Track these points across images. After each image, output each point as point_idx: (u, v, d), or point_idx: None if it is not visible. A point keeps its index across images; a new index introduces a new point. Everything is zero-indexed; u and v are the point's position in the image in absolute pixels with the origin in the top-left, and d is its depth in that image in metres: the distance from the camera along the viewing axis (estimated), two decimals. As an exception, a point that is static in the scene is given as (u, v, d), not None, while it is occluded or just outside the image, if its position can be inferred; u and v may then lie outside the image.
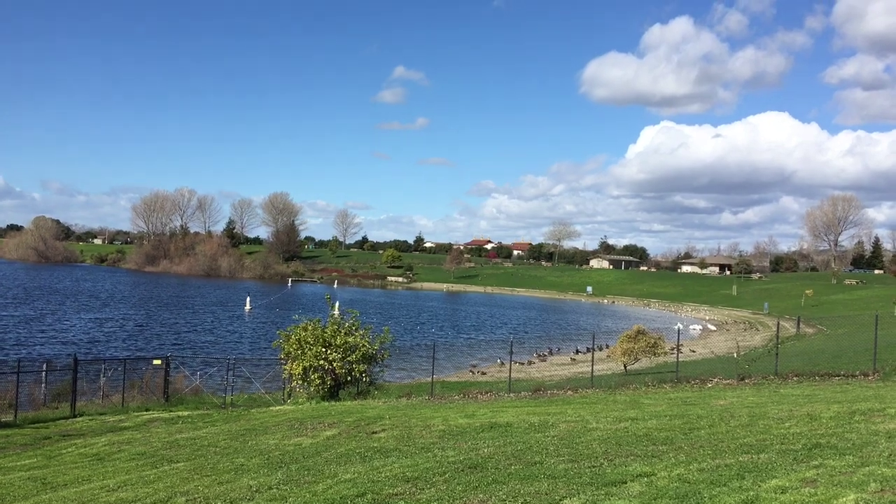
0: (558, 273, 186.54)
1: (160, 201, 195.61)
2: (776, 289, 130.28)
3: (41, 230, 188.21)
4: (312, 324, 22.17)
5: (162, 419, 20.41)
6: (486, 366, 43.01)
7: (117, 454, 13.06)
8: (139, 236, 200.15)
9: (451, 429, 12.33)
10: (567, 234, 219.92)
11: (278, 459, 10.27)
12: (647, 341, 35.12)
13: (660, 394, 18.31)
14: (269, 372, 28.73)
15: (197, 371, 29.98)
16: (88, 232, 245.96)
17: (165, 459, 11.63)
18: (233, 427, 15.65)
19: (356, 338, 21.99)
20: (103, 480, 9.97)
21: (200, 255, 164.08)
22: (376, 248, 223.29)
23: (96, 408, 24.40)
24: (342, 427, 13.62)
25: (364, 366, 21.71)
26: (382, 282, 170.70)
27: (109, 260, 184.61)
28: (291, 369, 21.82)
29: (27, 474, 11.51)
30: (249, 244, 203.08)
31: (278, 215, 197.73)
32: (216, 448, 12.45)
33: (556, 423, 12.02)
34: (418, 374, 37.85)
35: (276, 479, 8.63)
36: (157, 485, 9.08)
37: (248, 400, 25.75)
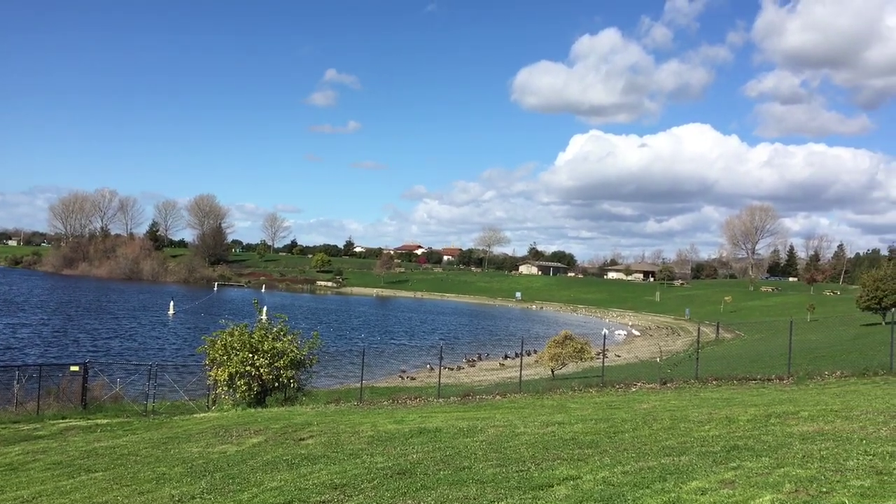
0: (488, 279, 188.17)
1: (79, 202, 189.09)
2: (697, 295, 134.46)
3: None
4: (239, 329, 21.77)
5: (80, 427, 19.68)
6: (415, 371, 43.02)
7: (32, 464, 12.54)
8: (56, 238, 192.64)
9: (379, 434, 12.29)
10: (497, 240, 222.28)
11: (202, 468, 10.04)
12: (575, 346, 35.73)
13: (586, 398, 18.67)
14: (193, 378, 28.08)
15: (117, 378, 29.07)
16: (3, 233, 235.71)
17: (83, 469, 11.23)
18: (154, 435, 15.22)
19: (284, 343, 21.70)
20: (17, 491, 9.56)
21: (122, 257, 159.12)
22: (306, 253, 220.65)
23: (9, 416, 23.35)
24: (269, 434, 13.42)
25: (292, 371, 21.44)
26: (312, 286, 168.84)
27: (24, 262, 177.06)
28: (217, 375, 21.38)
29: (-68, 487, 10.94)
30: (174, 247, 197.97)
31: (204, 218, 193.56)
32: (137, 457, 12.09)
33: (484, 428, 12.11)
34: (348, 379, 37.57)
35: (199, 489, 8.44)
36: (74, 495, 8.77)
37: (170, 407, 25.09)
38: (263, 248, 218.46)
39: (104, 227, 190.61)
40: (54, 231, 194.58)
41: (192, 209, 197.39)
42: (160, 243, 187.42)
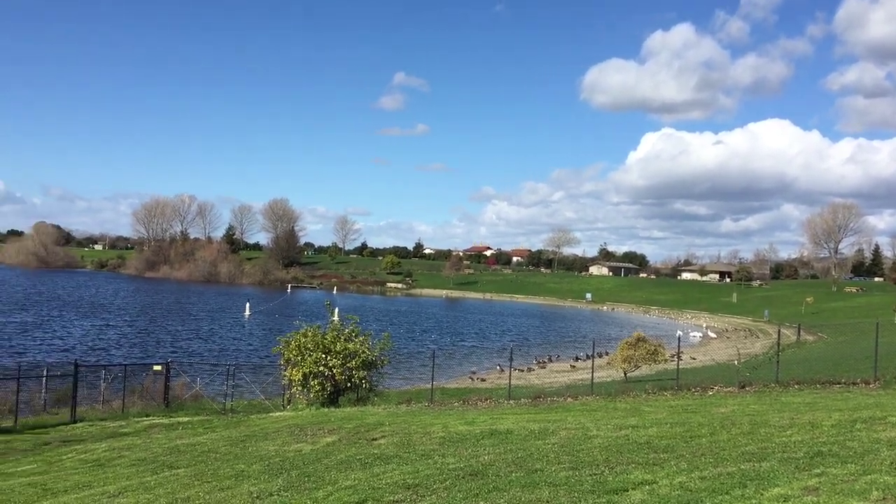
0: (557, 280, 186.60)
1: (160, 207, 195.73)
2: (776, 296, 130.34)
3: (42, 236, 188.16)
4: (312, 330, 22.15)
5: (162, 425, 20.38)
6: (485, 372, 42.98)
7: (118, 460, 13.04)
8: (139, 242, 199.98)
9: (450, 435, 12.32)
10: (566, 241, 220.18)
11: (279, 466, 10.25)
12: (648, 348, 35.10)
13: (660, 401, 18.30)
14: (268, 378, 28.72)
15: (197, 377, 29.99)
16: (89, 237, 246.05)
17: (166, 465, 11.62)
18: (233, 433, 15.63)
19: (356, 344, 21.97)
20: (104, 486, 9.95)
21: (200, 260, 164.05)
22: (376, 255, 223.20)
23: (96, 413, 24.38)
24: (342, 433, 13.61)
25: (364, 372, 21.69)
26: (382, 288, 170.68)
27: (110, 266, 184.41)
28: (291, 375, 21.79)
29: (27, 480, 11.50)
30: (249, 250, 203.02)
31: (278, 221, 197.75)
32: (216, 454, 12.44)
33: (556, 431, 12.01)
34: (418, 380, 37.81)
35: (276, 486, 8.62)
36: (157, 491, 9.08)
37: (248, 406, 25.75)
38: (335, 251, 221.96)
39: (184, 232, 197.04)
40: (137, 235, 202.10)
41: (267, 213, 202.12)
42: (236, 246, 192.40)
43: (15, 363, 31.74)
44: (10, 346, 43.39)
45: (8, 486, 11.05)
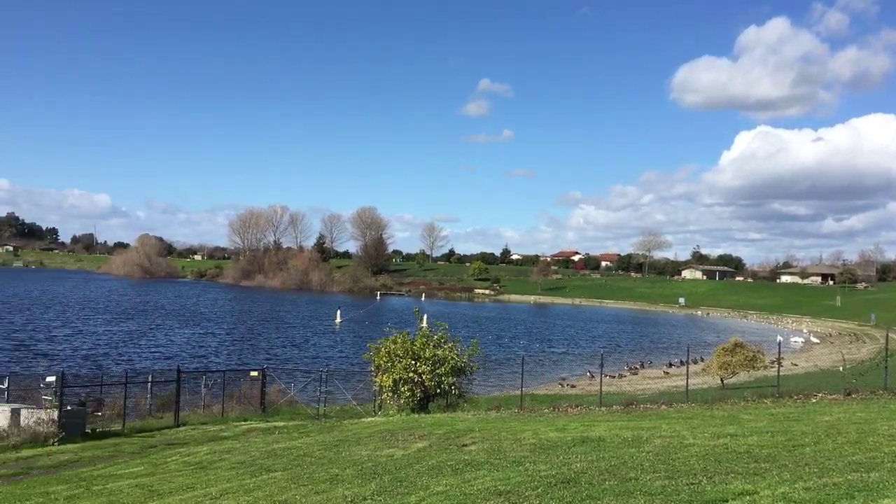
0: (649, 284, 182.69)
1: (254, 218, 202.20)
2: (884, 299, 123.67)
3: (146, 247, 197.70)
4: (402, 336, 22.39)
5: (259, 429, 21.02)
6: (575, 379, 42.47)
7: (219, 463, 13.52)
8: (235, 252, 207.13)
9: (541, 442, 12.22)
10: (657, 245, 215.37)
11: (371, 470, 10.41)
12: (746, 354, 33.92)
13: (760, 409, 17.65)
14: (360, 384, 29.20)
15: (291, 383, 30.76)
16: (189, 248, 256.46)
17: (264, 468, 11.97)
18: (327, 438, 15.96)
19: (445, 350, 22.09)
20: (206, 488, 10.33)
21: (293, 269, 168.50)
22: (463, 261, 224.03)
23: (198, 418, 25.36)
24: (432, 439, 13.69)
25: (453, 378, 21.77)
26: (469, 294, 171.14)
27: (208, 275, 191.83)
28: (382, 381, 22.08)
29: (135, 482, 12.05)
30: (339, 258, 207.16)
31: (366, 229, 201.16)
32: (312, 458, 12.73)
33: (650, 438, 11.75)
34: (507, 386, 37.71)
35: (369, 490, 8.75)
36: (256, 493, 9.36)
37: (340, 411, 26.24)
38: (422, 258, 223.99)
39: (277, 241, 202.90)
40: (233, 245, 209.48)
41: (355, 221, 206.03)
42: (327, 255, 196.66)
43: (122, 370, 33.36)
44: (118, 354, 45.67)
45: (117, 487, 11.61)
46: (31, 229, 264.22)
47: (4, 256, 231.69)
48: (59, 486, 12.20)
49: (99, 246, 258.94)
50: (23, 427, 20.48)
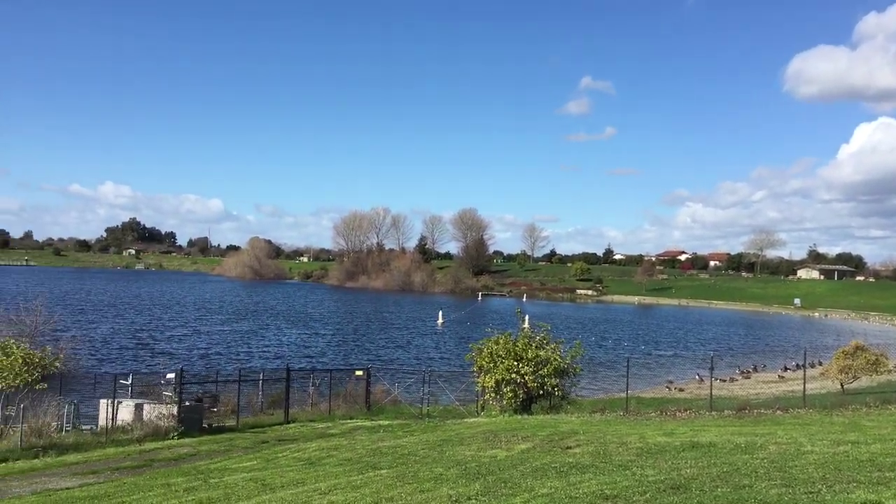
0: (761, 284, 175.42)
1: (358, 220, 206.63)
2: None
3: (255, 250, 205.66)
4: (504, 337, 22.36)
5: (365, 427, 21.45)
6: (683, 382, 41.28)
7: (327, 459, 13.87)
8: (340, 254, 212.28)
9: (648, 446, 11.94)
10: (770, 243, 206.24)
11: (475, 470, 10.43)
12: (868, 358, 32.06)
13: (884, 415, 16.65)
14: (462, 384, 29.36)
15: (395, 382, 31.25)
16: (296, 250, 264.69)
17: (370, 466, 12.20)
18: (430, 437, 16.12)
19: (547, 351, 21.91)
20: (316, 484, 10.63)
21: (395, 270, 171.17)
22: (564, 261, 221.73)
23: (306, 415, 26.14)
24: (536, 441, 13.61)
25: (556, 380, 21.57)
26: (571, 295, 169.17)
27: (314, 276, 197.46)
28: (484, 382, 22.12)
29: (249, 476, 12.53)
30: (440, 259, 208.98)
31: (467, 230, 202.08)
32: (416, 457, 12.88)
33: (764, 445, 11.28)
34: (611, 389, 37.08)
35: (474, 490, 8.77)
36: (363, 490, 9.55)
37: (443, 411, 26.46)
38: (523, 258, 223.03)
39: (379, 243, 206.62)
40: (337, 247, 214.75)
41: (456, 222, 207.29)
42: (428, 256, 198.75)
43: (235, 368, 34.81)
44: (231, 353, 47.67)
45: (233, 480, 12.10)
46: (152, 233, 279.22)
47: (128, 259, 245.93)
48: (179, 479, 12.82)
49: (213, 249, 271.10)
50: (145, 421, 21.68)
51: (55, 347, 25.83)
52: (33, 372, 20.24)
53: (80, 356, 37.04)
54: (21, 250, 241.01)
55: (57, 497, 12.14)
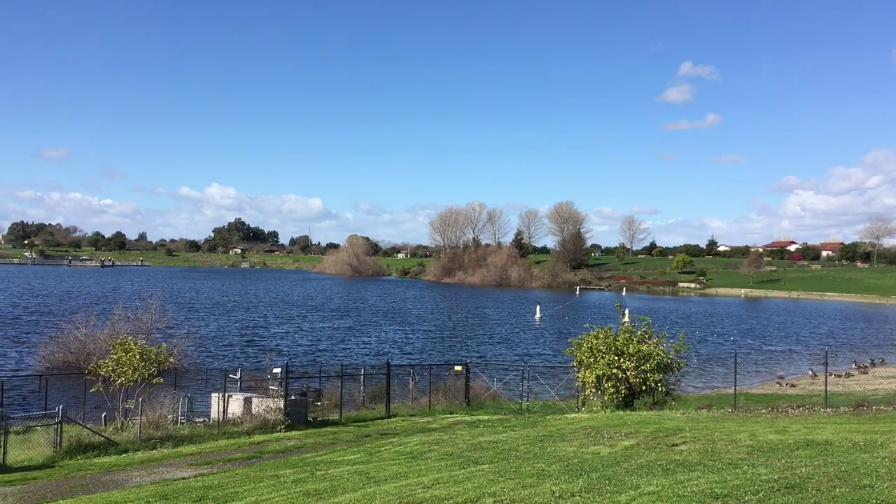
0: (878, 275, 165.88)
1: (454, 216, 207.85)
2: None
3: (354, 247, 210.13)
4: (604, 332, 22.01)
5: (465, 422, 21.56)
6: (794, 378, 39.57)
7: (428, 453, 14.01)
8: (436, 250, 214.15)
9: (759, 444, 11.49)
10: (887, 231, 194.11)
11: (577, 467, 10.30)
12: None
13: None
14: (561, 380, 29.09)
15: (494, 377, 31.30)
16: (393, 247, 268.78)
17: (471, 461, 12.24)
18: (531, 432, 16.04)
19: (650, 346, 21.43)
20: (418, 477, 10.74)
21: (491, 265, 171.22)
22: (665, 254, 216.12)
23: (407, 409, 26.52)
24: (640, 437, 13.32)
25: (659, 375, 21.06)
26: (673, 288, 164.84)
27: (411, 273, 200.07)
28: (584, 377, 21.84)
29: (353, 468, 12.80)
30: (537, 254, 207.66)
31: (564, 224, 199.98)
32: (517, 452, 12.84)
33: (886, 443, 10.65)
34: (718, 384, 35.94)
35: (577, 487, 8.66)
36: (466, 484, 9.58)
37: (542, 406, 26.31)
38: (622, 251, 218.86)
39: (475, 238, 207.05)
40: (434, 243, 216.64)
41: (553, 216, 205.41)
42: (525, 250, 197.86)
43: (338, 364, 35.65)
44: (333, 349, 48.88)
45: (338, 472, 12.39)
46: (256, 233, 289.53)
47: (234, 258, 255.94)
48: (287, 470, 13.23)
49: (313, 247, 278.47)
50: (254, 414, 22.49)
51: (169, 344, 27.10)
52: (150, 367, 21.37)
53: (191, 352, 38.80)
54: (136, 251, 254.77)
55: (174, 486, 12.75)
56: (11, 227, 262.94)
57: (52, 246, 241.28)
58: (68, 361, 34.53)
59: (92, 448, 18.40)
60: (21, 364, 37.49)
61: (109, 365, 21.34)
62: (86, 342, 35.65)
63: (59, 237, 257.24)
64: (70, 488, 13.68)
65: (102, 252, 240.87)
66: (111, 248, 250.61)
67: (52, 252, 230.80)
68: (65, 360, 35.08)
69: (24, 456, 17.68)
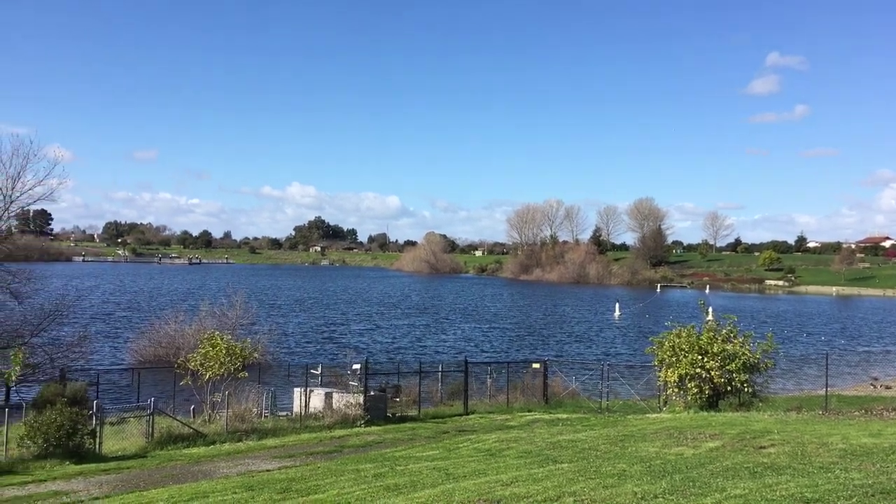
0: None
1: (531, 213, 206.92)
2: None
3: (431, 245, 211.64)
4: (686, 330, 21.49)
5: (543, 420, 21.44)
6: (890, 379, 37.81)
7: (506, 451, 13.98)
8: (513, 247, 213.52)
9: (852, 448, 11.02)
10: None
11: (660, 468, 10.09)
12: None
13: None
14: (642, 379, 28.58)
15: (572, 375, 30.99)
16: (470, 244, 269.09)
17: (550, 459, 12.15)
18: (610, 432, 15.81)
19: (735, 345, 20.81)
20: (497, 475, 10.72)
21: (569, 262, 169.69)
22: (751, 251, 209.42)
23: (485, 406, 26.55)
24: (725, 439, 12.96)
25: (745, 375, 20.43)
26: (759, 286, 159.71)
27: (488, 270, 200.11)
28: (666, 377, 21.39)
29: (432, 464, 12.88)
30: (616, 251, 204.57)
31: (644, 220, 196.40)
32: (597, 452, 12.67)
33: None
34: (808, 386, 34.69)
35: (660, 488, 8.48)
36: (545, 483, 9.50)
37: (622, 406, 25.91)
38: (705, 248, 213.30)
39: (553, 235, 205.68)
40: (511, 241, 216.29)
41: (632, 213, 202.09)
42: (603, 247, 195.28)
43: (416, 360, 36.00)
44: (411, 346, 49.35)
45: (417, 468, 12.49)
46: (335, 231, 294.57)
47: (314, 256, 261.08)
48: (368, 465, 13.42)
49: (391, 244, 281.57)
50: (334, 409, 22.93)
51: (253, 340, 27.87)
52: (235, 362, 22.02)
53: (273, 348, 39.82)
54: (221, 249, 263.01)
55: (259, 478, 13.11)
56: (106, 227, 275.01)
57: (144, 244, 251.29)
58: (158, 355, 35.95)
59: (181, 439, 19.10)
60: (113, 358, 39.24)
61: (197, 359, 22.08)
62: (175, 337, 37.04)
63: (149, 236, 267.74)
64: (161, 478, 14.24)
65: (190, 250, 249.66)
66: (198, 247, 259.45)
67: (144, 250, 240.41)
68: (155, 354, 36.55)
69: (118, 446, 18.50)
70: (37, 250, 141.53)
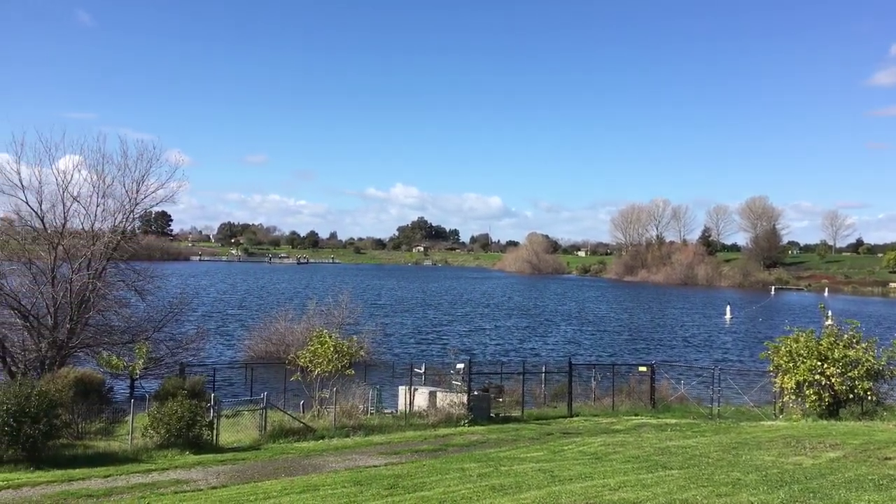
0: None
1: (636, 212, 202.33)
2: None
3: (533, 245, 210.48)
4: (805, 335, 20.52)
5: (650, 425, 20.94)
6: None
7: (613, 455, 13.73)
8: (617, 247, 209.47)
9: None
10: None
11: (777, 478, 9.67)
12: None
13: None
14: (756, 385, 27.44)
15: (681, 380, 30.09)
16: (573, 245, 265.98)
17: (659, 465, 11.85)
18: (723, 439, 15.28)
19: (858, 351, 19.72)
20: (604, 479, 10.55)
21: (676, 263, 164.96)
22: (874, 252, 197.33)
23: (589, 409, 26.18)
24: (847, 449, 12.29)
25: (868, 383, 19.34)
26: (884, 289, 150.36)
27: (592, 271, 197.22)
28: (782, 383, 20.51)
29: (537, 466, 12.80)
30: (726, 251, 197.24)
31: (757, 220, 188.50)
32: (708, 459, 12.26)
33: None
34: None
35: (777, 499, 8.13)
36: (654, 489, 9.28)
37: (734, 412, 24.97)
38: (823, 249, 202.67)
39: (659, 235, 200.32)
40: (615, 241, 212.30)
41: (744, 212, 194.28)
42: (712, 248, 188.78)
43: (519, 361, 35.86)
44: (515, 347, 49.21)
45: (522, 469, 12.45)
46: (437, 231, 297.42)
47: (417, 256, 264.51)
48: (472, 464, 13.48)
49: (493, 245, 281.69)
50: (438, 408, 23.15)
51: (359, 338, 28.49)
52: (343, 359, 22.56)
53: (378, 347, 40.55)
54: (328, 249, 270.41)
55: (367, 473, 13.38)
56: (220, 228, 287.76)
57: (255, 244, 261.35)
58: (269, 352, 37.26)
59: (292, 433, 19.73)
60: (224, 354, 40.94)
61: (307, 356, 22.76)
62: (285, 334, 38.29)
63: (260, 236, 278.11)
64: (274, 470, 14.76)
65: (298, 250, 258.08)
66: (305, 247, 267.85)
67: (255, 250, 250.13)
68: (266, 350, 37.90)
69: (233, 438, 19.30)
70: (158, 250, 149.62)
